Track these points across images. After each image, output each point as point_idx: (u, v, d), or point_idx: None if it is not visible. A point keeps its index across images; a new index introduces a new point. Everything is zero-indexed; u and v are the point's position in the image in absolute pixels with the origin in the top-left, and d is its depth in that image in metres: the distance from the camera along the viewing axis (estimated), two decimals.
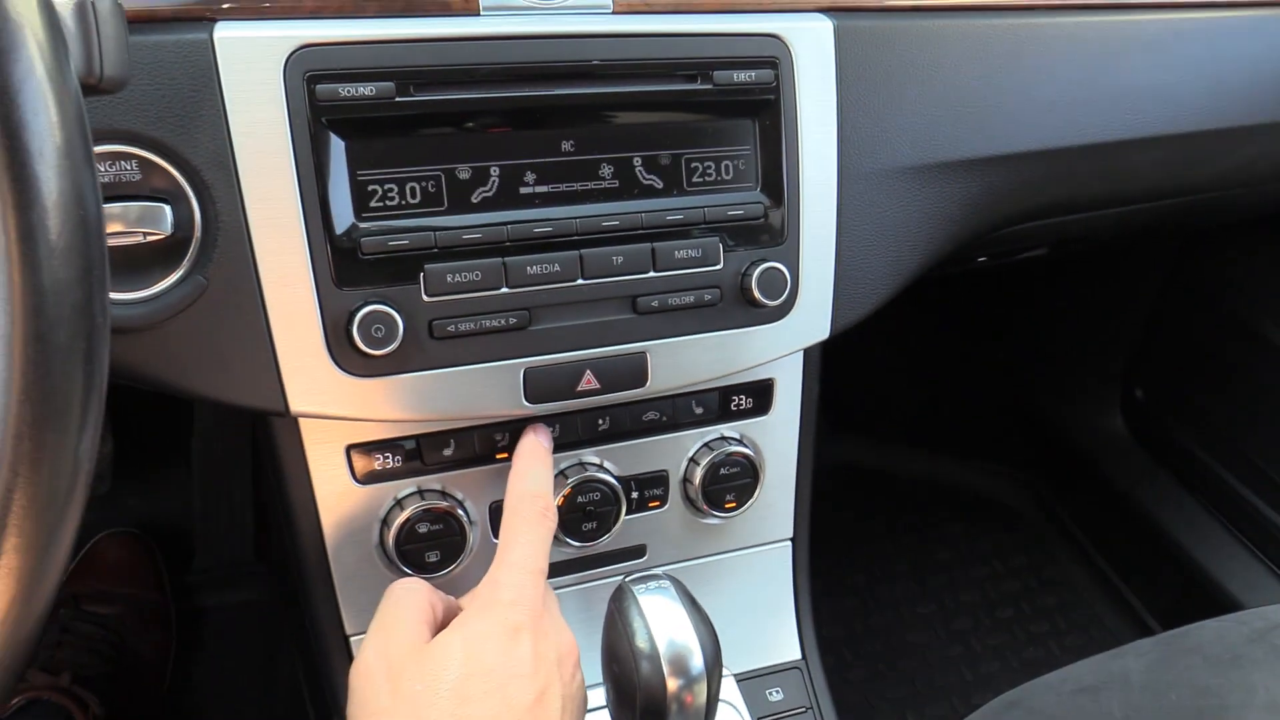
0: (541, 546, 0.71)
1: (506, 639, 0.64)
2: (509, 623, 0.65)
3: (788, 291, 0.79)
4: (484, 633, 0.64)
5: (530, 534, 0.71)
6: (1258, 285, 1.53)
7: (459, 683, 0.61)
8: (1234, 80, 0.99)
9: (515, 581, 0.68)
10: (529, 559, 0.69)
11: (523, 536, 0.71)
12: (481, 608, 0.66)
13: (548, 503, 0.74)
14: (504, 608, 0.66)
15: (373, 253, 0.69)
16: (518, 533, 0.71)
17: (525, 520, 0.72)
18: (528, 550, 0.70)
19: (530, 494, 0.74)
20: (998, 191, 0.90)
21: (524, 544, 0.70)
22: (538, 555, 0.70)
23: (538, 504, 0.73)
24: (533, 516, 0.72)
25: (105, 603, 1.47)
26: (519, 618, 0.65)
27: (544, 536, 0.72)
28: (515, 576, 0.68)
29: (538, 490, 0.74)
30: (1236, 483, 1.60)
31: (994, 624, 1.77)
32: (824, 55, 0.79)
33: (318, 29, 0.67)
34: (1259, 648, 0.92)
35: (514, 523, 0.72)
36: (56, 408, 0.40)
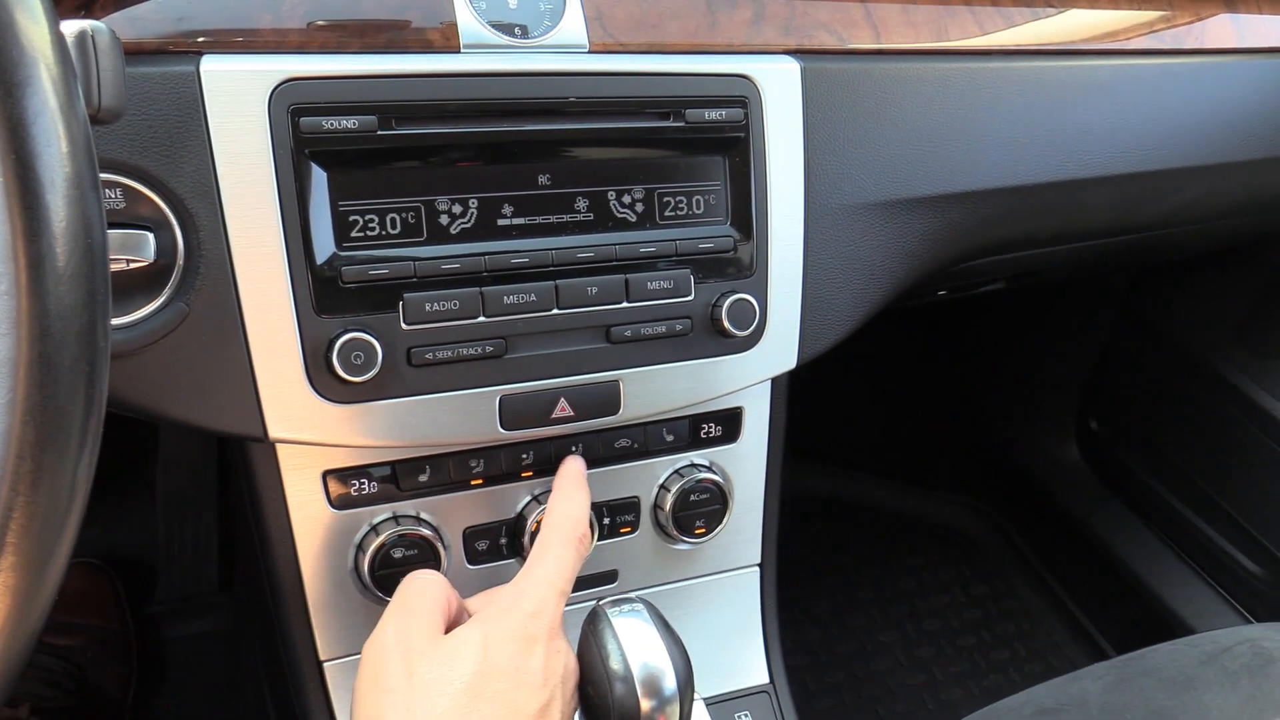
0: (570, 570, 0.72)
1: (523, 645, 0.65)
2: (527, 632, 0.66)
3: (756, 322, 0.81)
4: (503, 635, 0.65)
5: (563, 554, 0.72)
6: (1203, 319, 1.59)
7: (474, 679, 0.62)
8: (1180, 123, 1.04)
9: (540, 595, 0.69)
10: (557, 577, 0.71)
11: (555, 554, 0.72)
12: (503, 611, 0.67)
13: (585, 531, 0.76)
14: (525, 617, 0.67)
15: (353, 282, 0.70)
16: (552, 550, 0.72)
17: (564, 541, 0.73)
18: (558, 569, 0.71)
19: (573, 518, 0.75)
20: (957, 227, 0.94)
21: (555, 562, 0.72)
22: (565, 576, 0.72)
23: (578, 529, 0.75)
24: (571, 539, 0.74)
25: (65, 634, 1.45)
26: (536, 630, 0.67)
27: (574, 561, 0.73)
28: (541, 590, 0.69)
29: (579, 516, 0.76)
30: (1187, 511, 1.64)
31: (956, 652, 1.80)
32: (791, 95, 0.82)
33: (303, 63, 0.69)
34: (1211, 670, 0.95)
35: (551, 539, 0.73)
36: (59, 429, 0.41)
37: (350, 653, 0.84)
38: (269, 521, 0.79)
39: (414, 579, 0.70)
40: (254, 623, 1.24)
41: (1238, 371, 1.52)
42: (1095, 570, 1.79)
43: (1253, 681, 0.93)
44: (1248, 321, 1.53)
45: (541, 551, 0.73)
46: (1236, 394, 1.52)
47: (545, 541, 0.73)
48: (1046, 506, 1.89)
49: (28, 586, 0.41)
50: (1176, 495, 1.66)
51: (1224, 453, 1.56)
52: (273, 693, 1.15)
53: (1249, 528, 1.53)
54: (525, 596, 0.69)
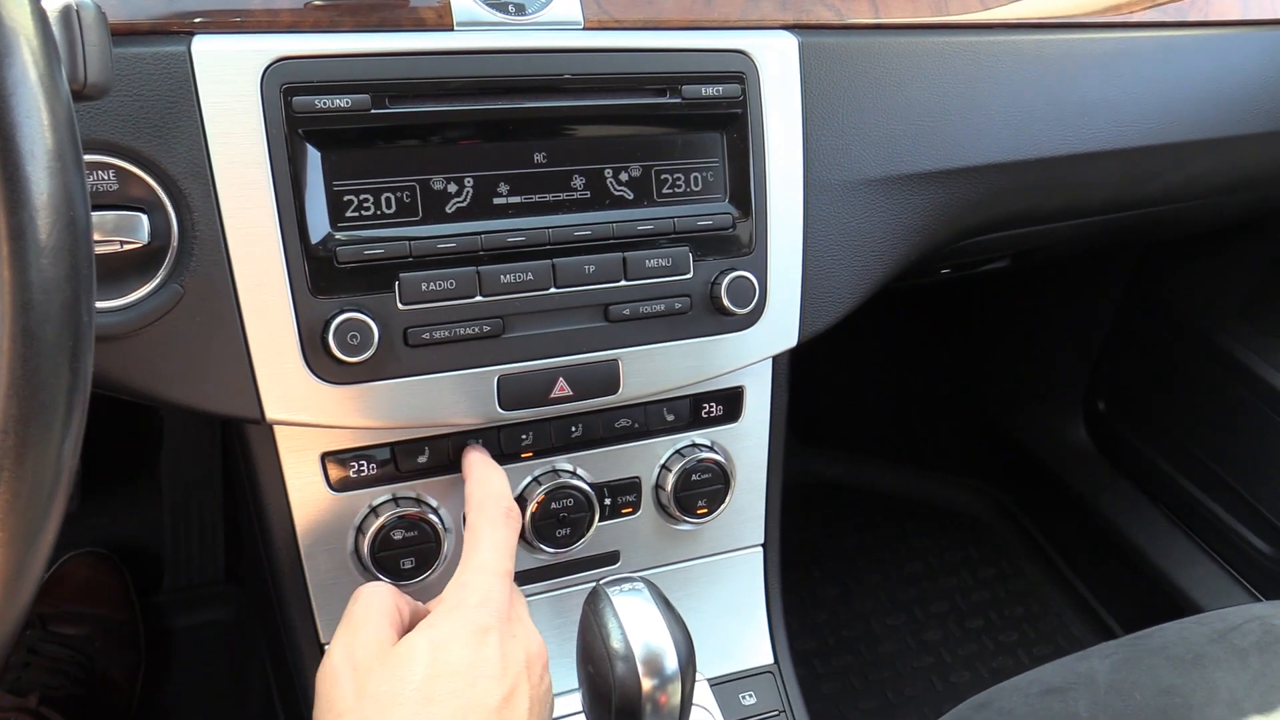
0: (507, 549, 0.71)
1: (474, 640, 0.64)
2: (476, 624, 0.65)
3: (756, 300, 0.81)
4: (450, 634, 0.64)
5: (494, 535, 0.71)
6: (1210, 296, 1.58)
7: (424, 683, 0.61)
8: (1183, 96, 1.03)
9: (482, 584, 0.67)
10: (495, 561, 0.69)
11: (487, 539, 0.70)
12: (448, 610, 0.66)
13: (510, 504, 0.74)
14: (471, 609, 0.65)
15: (348, 262, 0.70)
16: (482, 535, 0.71)
17: (490, 522, 0.72)
18: (492, 553, 0.70)
19: (493, 495, 0.74)
20: (958, 203, 0.93)
21: (489, 546, 0.70)
22: (503, 557, 0.70)
23: (500, 504, 0.73)
24: (497, 518, 0.72)
25: (73, 623, 1.45)
26: (486, 619, 0.65)
27: (508, 539, 0.72)
28: (482, 579, 0.68)
29: (499, 491, 0.74)
30: (1196, 490, 1.63)
31: (964, 634, 1.79)
32: (789, 71, 0.82)
33: (295, 42, 0.68)
34: (1220, 647, 0.94)
35: (478, 524, 0.72)
36: (42, 404, 0.41)
37: None
38: (268, 504, 0.78)
39: (360, 593, 0.69)
40: (259, 610, 1.24)
41: (1245, 349, 1.51)
42: (1103, 551, 1.78)
43: (1262, 659, 0.93)
44: (1254, 298, 1.52)
45: (473, 539, 0.71)
46: (1244, 371, 1.51)
47: (473, 526, 0.72)
48: (1054, 488, 1.88)
49: (14, 563, 0.41)
50: (1184, 474, 1.65)
51: (1232, 431, 1.55)
52: (278, 679, 1.15)
53: (1258, 506, 1.52)
54: (468, 589, 0.67)
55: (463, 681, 0.62)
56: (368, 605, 0.67)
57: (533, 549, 0.86)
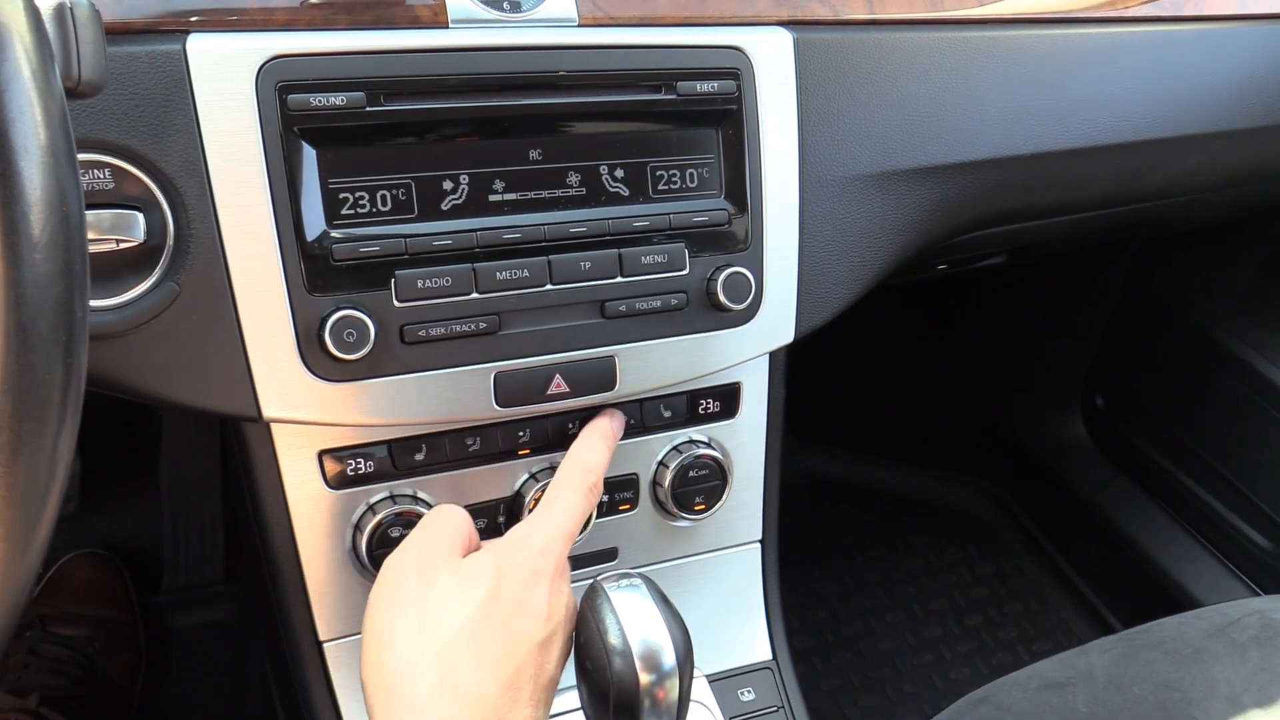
0: (579, 515, 0.74)
1: (530, 579, 0.67)
2: (535, 566, 0.68)
3: (752, 296, 0.81)
4: (514, 565, 0.67)
5: (574, 499, 0.73)
6: (1208, 292, 1.58)
7: (486, 602, 0.65)
8: (1178, 91, 1.03)
9: (549, 533, 0.70)
10: (566, 519, 0.72)
11: (565, 500, 0.73)
12: (514, 545, 0.69)
13: (598, 480, 0.76)
14: (535, 553, 0.69)
15: (344, 259, 0.70)
16: (564, 493, 0.74)
17: (574, 487, 0.74)
18: (567, 513, 0.72)
19: (586, 466, 0.76)
20: (954, 198, 0.93)
21: (564, 506, 0.73)
22: (574, 520, 0.73)
23: (590, 477, 0.76)
24: (582, 486, 0.75)
25: (73, 624, 1.45)
26: (544, 565, 0.68)
27: (584, 507, 0.74)
28: (551, 529, 0.71)
29: (595, 465, 0.77)
30: (1194, 486, 1.63)
31: (963, 631, 1.79)
32: (784, 66, 0.82)
33: (290, 40, 0.68)
34: (1219, 642, 0.94)
35: (562, 484, 0.75)
36: (37, 399, 0.41)
37: (349, 633, 0.84)
38: (266, 502, 0.78)
39: (440, 509, 0.73)
40: (257, 609, 1.24)
41: (1243, 345, 1.51)
42: (1102, 547, 1.78)
43: (1261, 652, 0.93)
44: (1252, 294, 1.52)
45: (554, 494, 0.74)
46: (1242, 367, 1.51)
47: (558, 484, 0.75)
48: (1053, 484, 1.88)
49: (10, 560, 0.41)
50: (1183, 470, 1.65)
51: (1230, 427, 1.55)
52: (277, 678, 1.15)
53: (1256, 501, 1.52)
54: (536, 534, 0.70)
55: (518, 610, 0.66)
56: (448, 520, 0.71)
57: None
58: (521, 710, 0.63)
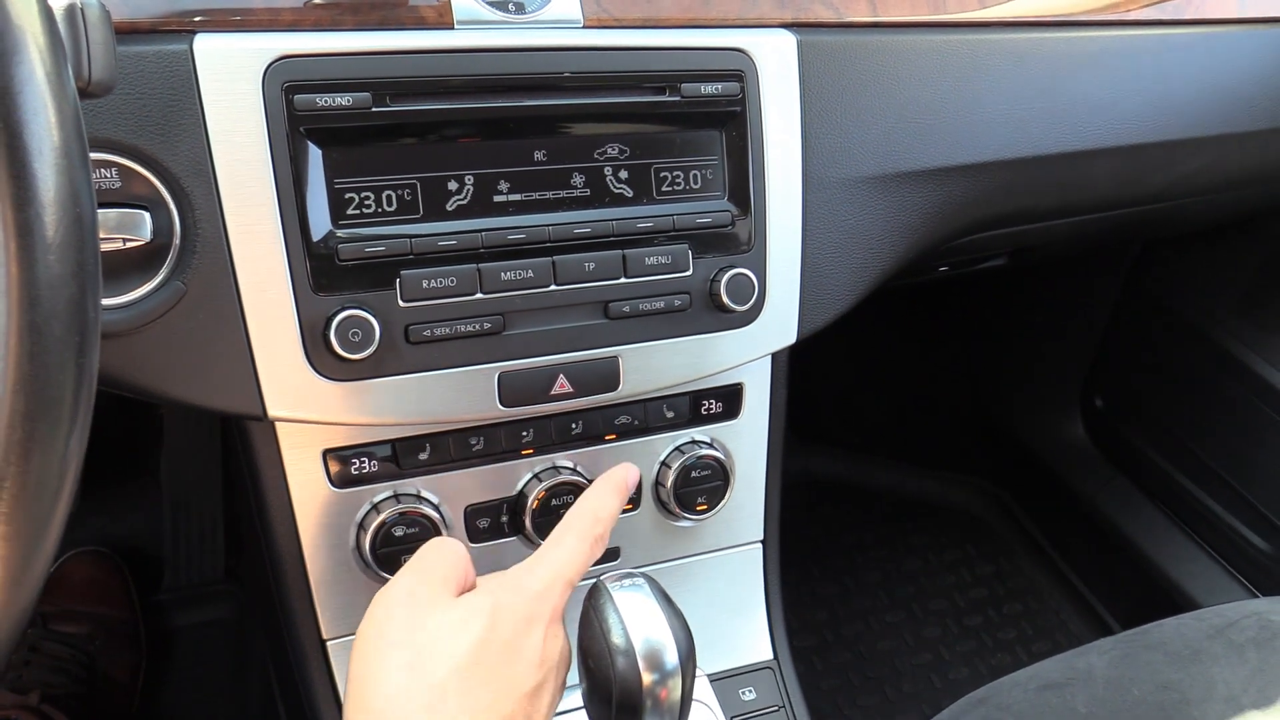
0: (582, 563, 0.71)
1: (524, 624, 0.65)
2: (531, 611, 0.66)
3: (755, 297, 0.81)
4: (509, 608, 0.65)
5: (578, 546, 0.71)
6: (1208, 294, 1.58)
7: (478, 646, 0.62)
8: (1179, 95, 1.03)
9: (549, 578, 0.68)
10: (568, 567, 0.69)
11: (571, 545, 0.70)
12: (512, 586, 0.67)
13: (606, 531, 0.73)
14: (532, 596, 0.67)
15: (349, 259, 0.70)
16: (568, 539, 0.71)
17: (580, 535, 0.71)
18: (570, 559, 0.70)
19: (597, 515, 0.73)
20: (956, 201, 0.93)
21: (569, 552, 0.70)
22: (576, 568, 0.70)
23: (598, 528, 0.72)
24: (589, 534, 0.72)
25: (74, 622, 1.45)
26: (540, 610, 0.66)
27: (588, 557, 0.71)
28: (550, 573, 0.68)
29: (604, 515, 0.74)
30: (1193, 487, 1.63)
31: (962, 631, 1.80)
32: (788, 69, 0.82)
33: (296, 40, 0.69)
34: (1218, 643, 0.95)
35: (570, 529, 0.72)
36: (50, 399, 0.41)
37: (353, 632, 0.83)
38: (270, 501, 0.79)
39: (436, 543, 0.70)
40: (259, 608, 1.24)
41: (1243, 346, 1.51)
42: (1101, 548, 1.79)
43: (1259, 654, 0.93)
44: (1251, 295, 1.53)
45: (559, 537, 0.71)
46: (1242, 369, 1.51)
47: (565, 528, 0.72)
48: (1052, 485, 1.88)
49: (21, 558, 0.42)
50: (1182, 472, 1.66)
51: (1230, 428, 1.56)
52: (278, 676, 1.15)
53: (1255, 503, 1.52)
54: (534, 577, 0.68)
55: (510, 657, 0.63)
56: (442, 555, 0.69)
57: (534, 545, 0.86)
58: None
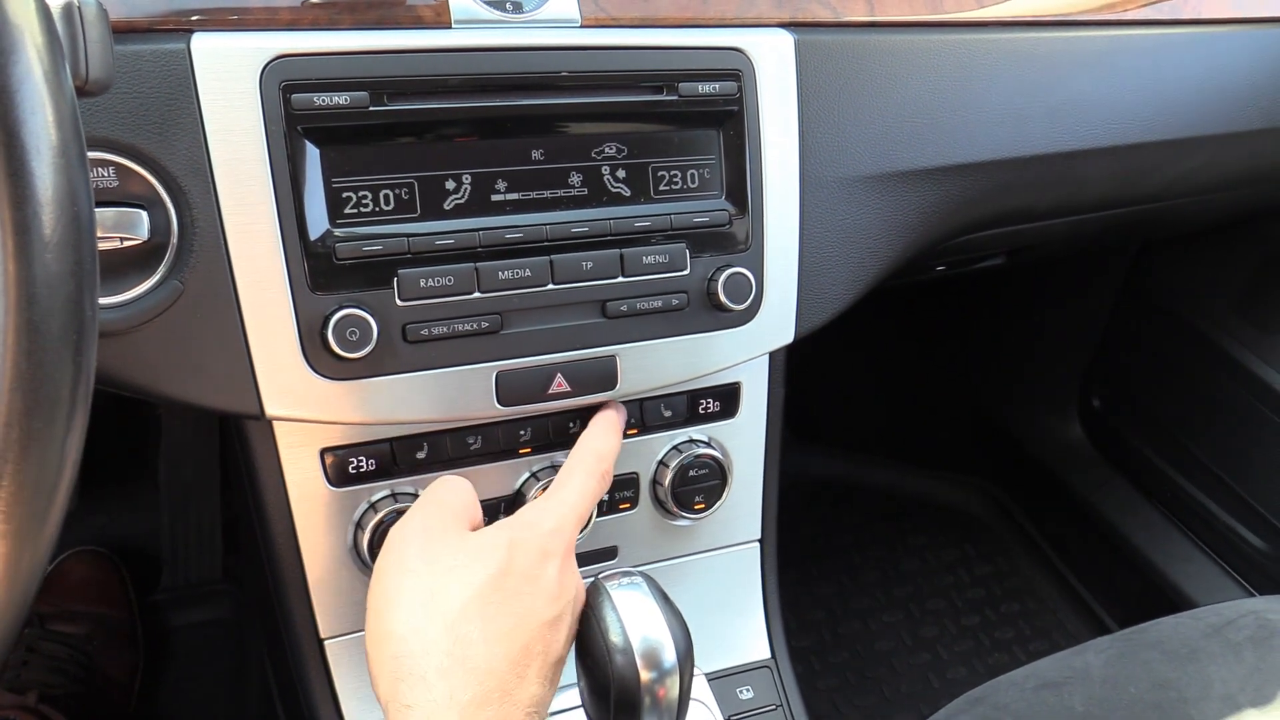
0: (591, 498, 0.74)
1: (540, 557, 0.67)
2: (545, 546, 0.68)
3: (753, 296, 0.81)
4: (525, 542, 0.67)
5: (586, 482, 0.74)
6: (1205, 294, 1.58)
7: (496, 575, 0.64)
8: (1176, 94, 1.03)
9: (561, 514, 0.70)
10: (578, 501, 0.72)
11: (579, 482, 0.73)
12: (525, 523, 0.69)
13: (610, 467, 0.77)
14: (545, 532, 0.69)
15: (347, 258, 0.70)
16: (575, 477, 0.74)
17: (587, 471, 0.75)
18: (579, 495, 0.73)
19: (599, 452, 0.76)
20: (953, 200, 0.93)
21: (578, 489, 0.73)
22: (586, 503, 0.73)
23: (602, 464, 0.76)
24: (596, 470, 0.75)
25: (71, 622, 1.45)
26: (554, 545, 0.68)
27: (596, 491, 0.75)
28: (562, 510, 0.71)
29: (606, 451, 0.77)
30: (1191, 487, 1.64)
31: (960, 631, 1.80)
32: (785, 68, 0.82)
33: (294, 40, 0.69)
34: (1215, 642, 0.95)
35: (575, 468, 0.75)
36: (47, 398, 0.41)
37: (350, 630, 0.84)
38: (267, 500, 0.79)
39: (443, 480, 0.72)
40: (257, 608, 1.24)
41: (1240, 346, 1.52)
42: (1099, 548, 1.79)
43: (1257, 653, 0.93)
44: (1249, 295, 1.53)
45: (565, 477, 0.74)
46: (1239, 369, 1.51)
47: (570, 469, 0.75)
48: (1050, 485, 1.89)
49: (18, 555, 0.42)
50: (1180, 471, 1.66)
51: (1227, 428, 1.56)
52: (276, 676, 1.15)
53: (1253, 502, 1.53)
54: (547, 514, 0.70)
55: (528, 587, 0.65)
56: (453, 490, 0.71)
57: None
58: (529, 687, 0.63)
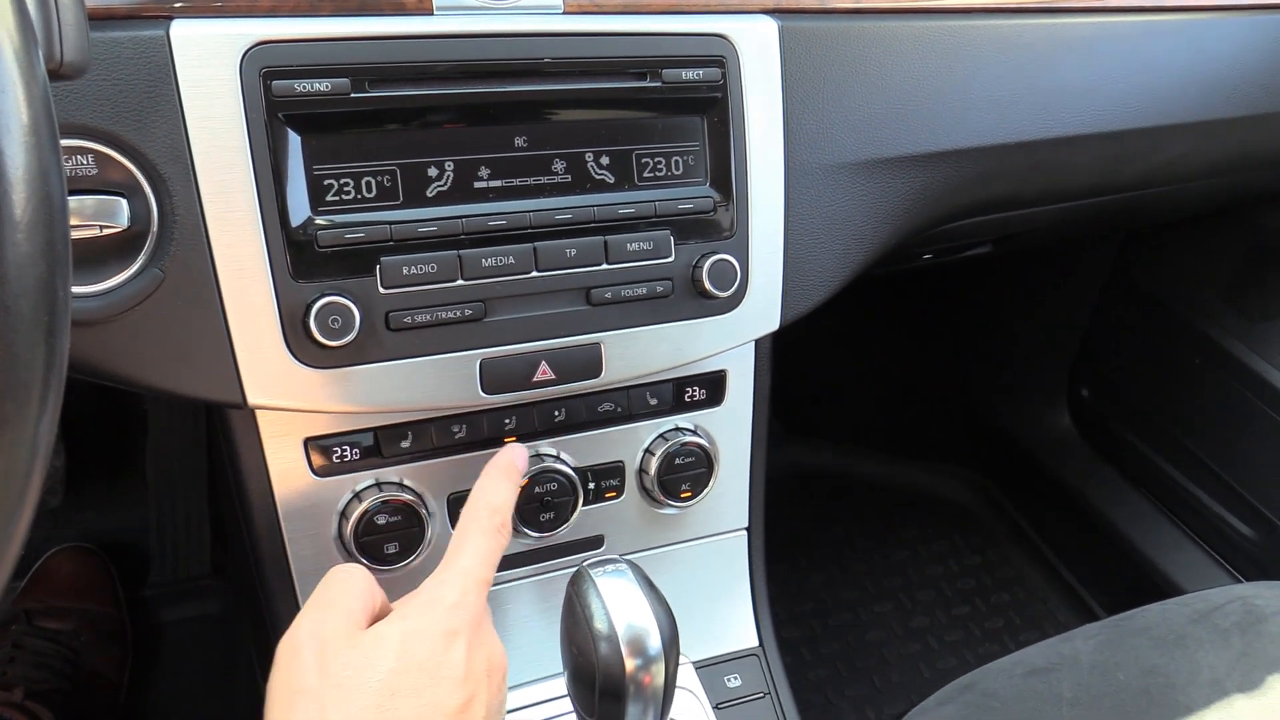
0: (491, 559, 0.70)
1: (442, 641, 0.63)
2: (448, 625, 0.64)
3: (738, 283, 0.81)
4: (422, 629, 0.63)
5: (482, 543, 0.70)
6: (1192, 282, 1.59)
7: (390, 676, 0.60)
8: (1162, 81, 1.03)
9: (460, 585, 0.66)
10: (477, 568, 0.68)
11: (474, 545, 0.69)
12: (423, 605, 0.65)
13: (505, 519, 0.73)
14: (446, 610, 0.65)
15: (329, 246, 0.70)
16: (470, 541, 0.70)
17: (482, 531, 0.70)
18: (477, 559, 0.69)
19: (491, 506, 0.72)
20: (939, 186, 0.93)
21: (474, 553, 0.69)
22: (486, 566, 0.69)
23: (496, 518, 0.72)
24: (489, 528, 0.71)
25: (59, 618, 1.45)
26: (458, 623, 0.64)
27: (495, 550, 0.71)
28: (462, 582, 0.67)
29: (499, 504, 0.73)
30: (1179, 475, 1.64)
31: (950, 621, 1.80)
32: (769, 55, 0.82)
33: (274, 26, 0.68)
34: (1202, 628, 0.95)
35: (469, 530, 0.71)
36: (19, 380, 0.41)
37: None
38: (251, 490, 0.78)
39: (335, 573, 0.68)
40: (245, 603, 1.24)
41: (1227, 335, 1.52)
42: (1088, 537, 1.79)
43: (1244, 638, 0.94)
44: (1236, 284, 1.53)
45: (460, 542, 0.70)
46: (1226, 357, 1.52)
47: (464, 531, 0.71)
48: (1039, 475, 1.89)
49: None
50: (1168, 460, 1.66)
51: (1214, 416, 1.56)
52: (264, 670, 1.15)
53: (1240, 490, 1.53)
54: (446, 587, 0.66)
55: (428, 680, 0.61)
56: (343, 586, 0.66)
57: (517, 533, 0.86)
58: None
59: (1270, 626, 0.95)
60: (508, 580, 0.90)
